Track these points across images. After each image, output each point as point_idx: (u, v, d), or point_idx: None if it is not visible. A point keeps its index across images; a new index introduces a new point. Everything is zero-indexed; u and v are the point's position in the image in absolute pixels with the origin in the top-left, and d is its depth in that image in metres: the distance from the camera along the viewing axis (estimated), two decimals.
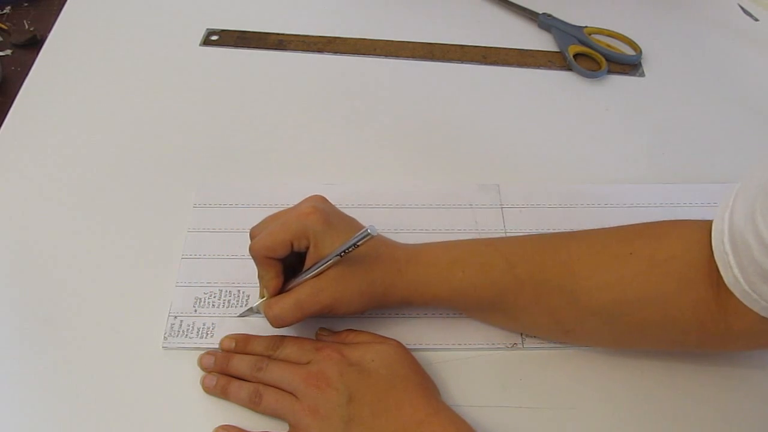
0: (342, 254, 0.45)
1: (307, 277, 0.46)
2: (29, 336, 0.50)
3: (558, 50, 0.73)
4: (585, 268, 0.45)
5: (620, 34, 0.74)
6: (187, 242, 0.55)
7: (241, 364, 0.47)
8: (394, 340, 0.48)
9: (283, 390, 0.45)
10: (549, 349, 0.50)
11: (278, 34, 0.74)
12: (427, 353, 0.49)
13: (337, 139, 0.64)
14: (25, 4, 0.80)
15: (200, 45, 0.72)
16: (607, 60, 0.71)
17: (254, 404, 0.46)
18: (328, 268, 0.46)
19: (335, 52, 0.72)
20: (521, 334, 0.50)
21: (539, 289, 0.46)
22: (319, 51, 0.72)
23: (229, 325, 0.50)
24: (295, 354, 0.47)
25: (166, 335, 0.50)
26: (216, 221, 0.57)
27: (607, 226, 0.48)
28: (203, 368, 0.48)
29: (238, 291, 0.52)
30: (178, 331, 0.50)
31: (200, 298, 0.52)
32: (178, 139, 0.64)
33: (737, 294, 0.41)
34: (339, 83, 0.69)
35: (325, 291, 0.46)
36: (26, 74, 0.69)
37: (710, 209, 0.57)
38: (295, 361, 0.47)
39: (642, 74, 0.71)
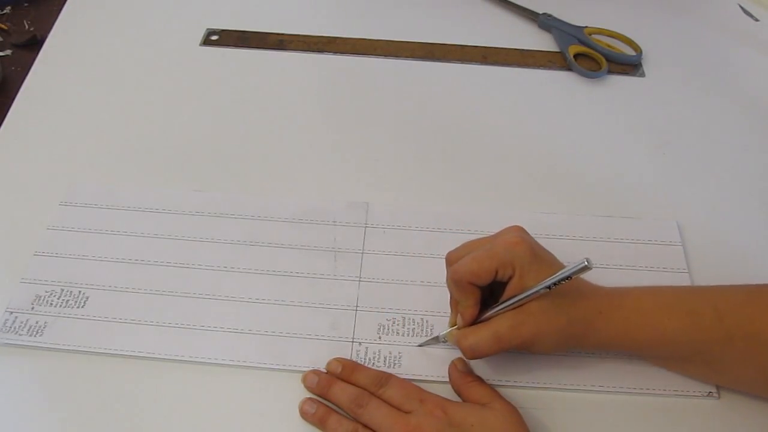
0: (552, 286, 0.43)
1: (508, 307, 0.45)
2: None
3: (558, 50, 0.73)
4: None
5: (620, 34, 0.74)
6: (42, 239, 0.55)
7: (342, 394, 0.46)
8: (510, 405, 0.45)
9: None
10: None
11: (278, 34, 0.74)
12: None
13: (336, 139, 0.64)
14: (25, 4, 0.79)
15: (200, 45, 0.72)
16: (607, 60, 0.71)
17: None
18: (532, 300, 0.44)
19: (335, 52, 0.72)
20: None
21: (749, 343, 0.44)
22: (319, 51, 0.72)
23: (61, 324, 0.50)
24: (398, 398, 0.46)
25: None
26: (79, 220, 0.56)
27: None
28: (307, 386, 0.48)
29: (79, 291, 0.52)
30: (10, 328, 0.50)
31: (40, 296, 0.52)
32: (178, 138, 0.63)
33: None
34: (339, 83, 0.69)
35: (527, 325, 0.44)
36: (26, 74, 0.69)
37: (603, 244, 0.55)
38: (396, 406, 0.45)
39: (642, 74, 0.71)
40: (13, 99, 0.66)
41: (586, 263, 0.41)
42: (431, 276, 0.54)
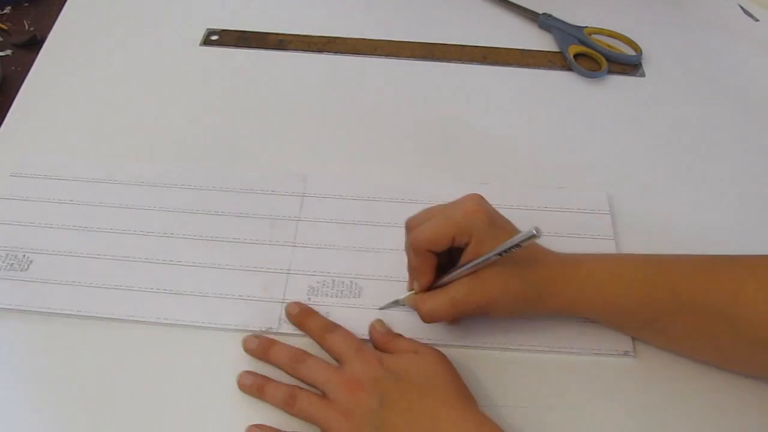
0: (503, 253, 0.44)
1: (463, 273, 0.46)
2: None
3: (558, 50, 0.73)
4: (749, 295, 0.43)
5: (620, 34, 0.74)
6: None
7: (281, 353, 0.48)
8: (436, 350, 0.47)
9: (317, 387, 0.46)
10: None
11: (278, 34, 0.74)
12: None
13: (335, 138, 0.64)
14: (25, 4, 0.79)
15: (200, 45, 0.72)
16: (607, 60, 0.71)
17: (288, 406, 0.46)
18: (485, 266, 0.45)
19: (335, 52, 0.72)
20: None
21: (699, 313, 0.44)
22: (319, 51, 0.72)
23: (3, 286, 0.52)
24: (341, 346, 0.48)
25: None
26: (28, 191, 0.58)
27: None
28: (246, 349, 0.49)
29: (23, 255, 0.54)
30: None
31: None
32: (178, 138, 0.63)
33: None
34: (339, 83, 0.69)
35: (481, 290, 0.46)
36: (26, 74, 0.69)
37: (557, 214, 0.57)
38: (337, 356, 0.48)
39: (642, 74, 0.71)
40: (13, 99, 0.66)
41: (534, 232, 0.42)
42: (363, 242, 0.56)
